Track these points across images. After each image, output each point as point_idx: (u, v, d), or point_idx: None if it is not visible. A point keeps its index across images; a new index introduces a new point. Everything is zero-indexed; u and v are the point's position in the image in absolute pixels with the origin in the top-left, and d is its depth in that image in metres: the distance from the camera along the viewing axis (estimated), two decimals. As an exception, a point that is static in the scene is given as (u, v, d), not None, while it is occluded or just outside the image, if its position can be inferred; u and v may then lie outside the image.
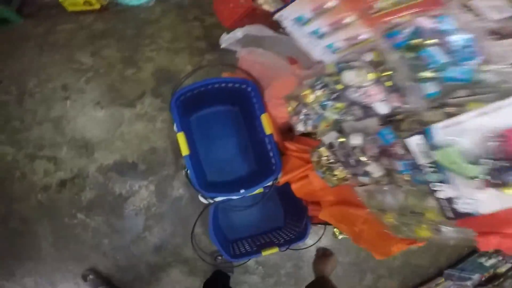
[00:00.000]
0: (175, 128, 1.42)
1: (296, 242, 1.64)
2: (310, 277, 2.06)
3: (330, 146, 1.11)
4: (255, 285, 2.06)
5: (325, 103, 1.09)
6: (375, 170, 1.00)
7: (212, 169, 1.71)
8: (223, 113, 1.77)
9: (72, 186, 1.84)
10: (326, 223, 1.59)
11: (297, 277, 2.09)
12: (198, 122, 1.74)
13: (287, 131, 1.52)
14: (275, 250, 1.60)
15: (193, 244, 1.57)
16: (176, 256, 1.94)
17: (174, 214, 1.90)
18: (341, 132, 1.10)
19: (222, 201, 1.55)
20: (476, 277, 2.19)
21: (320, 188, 1.36)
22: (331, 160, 1.14)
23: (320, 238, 1.64)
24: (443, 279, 2.21)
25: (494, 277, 2.24)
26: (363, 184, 1.10)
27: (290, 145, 1.43)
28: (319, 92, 1.11)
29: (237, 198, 1.58)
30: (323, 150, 1.15)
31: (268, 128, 1.46)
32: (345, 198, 1.33)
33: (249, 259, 1.93)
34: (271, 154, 1.48)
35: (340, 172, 1.13)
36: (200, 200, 1.61)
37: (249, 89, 1.51)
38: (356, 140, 1.01)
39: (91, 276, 1.86)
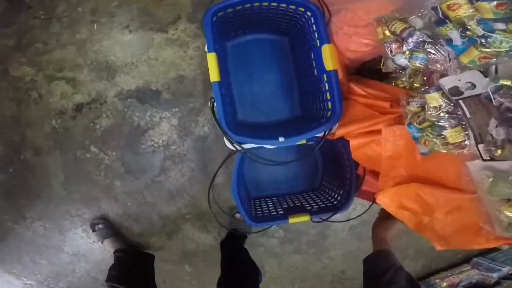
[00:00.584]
0: (206, 48, 0.95)
1: (332, 212, 1.16)
2: (333, 248, 1.67)
3: (454, 93, 0.64)
4: (272, 249, 1.65)
5: (492, 23, 0.56)
6: None
7: (246, 107, 1.21)
8: (268, 43, 1.22)
9: (89, 111, 1.42)
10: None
11: (319, 246, 1.67)
12: (235, 50, 1.22)
13: (352, 72, 1.04)
14: (305, 218, 1.13)
15: (209, 197, 1.16)
16: (192, 207, 1.52)
17: (195, 156, 1.46)
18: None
19: (252, 149, 1.06)
20: (505, 269, 1.84)
21: (391, 155, 0.86)
22: (443, 115, 0.67)
23: (366, 211, 1.13)
24: (468, 267, 1.82)
25: None
26: (492, 159, 0.62)
27: (357, 88, 0.93)
28: (486, 5, 0.56)
29: (271, 148, 1.11)
30: (434, 97, 0.67)
31: (330, 62, 0.94)
32: (430, 175, 0.83)
33: (272, 225, 1.44)
34: (327, 96, 0.97)
35: (454, 133, 0.66)
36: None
37: (308, 13, 0.99)
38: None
39: (100, 226, 1.49)
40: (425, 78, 0.80)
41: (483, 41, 0.58)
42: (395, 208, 0.85)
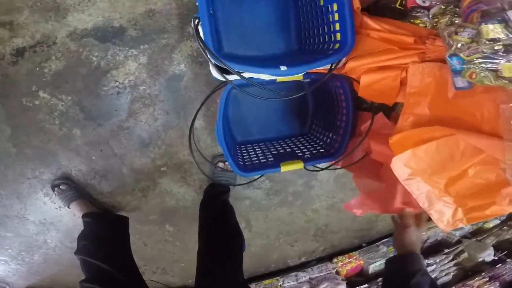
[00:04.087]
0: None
1: (324, 159, 1.13)
2: (318, 200, 1.64)
3: None
4: (258, 202, 1.58)
5: None
6: None
7: (233, 39, 1.06)
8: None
9: (33, 55, 1.17)
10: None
11: (304, 197, 1.64)
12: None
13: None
14: (298, 166, 1.07)
15: (190, 144, 1.03)
16: (168, 158, 1.36)
17: (169, 97, 1.28)
18: None
19: (240, 86, 0.92)
20: (467, 228, 2.03)
21: (416, 91, 0.81)
22: (500, 47, 0.60)
23: (359, 161, 1.05)
24: (434, 223, 1.89)
25: (480, 231, 2.09)
26: None
27: (373, 22, 0.84)
28: None
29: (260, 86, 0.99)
30: (494, 29, 0.60)
31: (343, -13, 0.84)
32: (461, 115, 0.75)
33: (263, 175, 1.35)
34: (336, 27, 0.88)
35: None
36: (206, 80, 1.09)
37: None
38: None
39: (62, 187, 1.29)
40: (454, 19, 0.72)
41: None
42: (407, 176, 0.79)
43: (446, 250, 1.94)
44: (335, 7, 0.86)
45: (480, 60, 0.62)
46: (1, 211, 1.38)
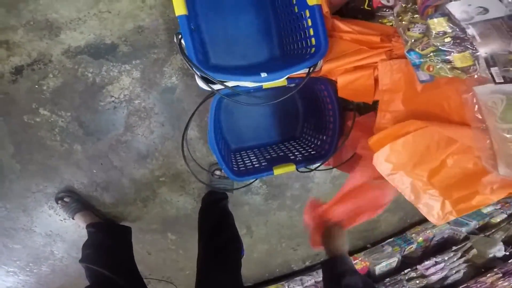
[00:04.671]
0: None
1: (316, 161, 1.16)
2: (317, 202, 1.67)
3: (463, 18, 0.62)
4: (257, 207, 1.62)
5: None
6: None
7: (219, 51, 1.12)
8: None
9: (31, 73, 1.23)
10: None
11: (303, 200, 1.67)
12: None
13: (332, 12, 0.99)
14: (290, 168, 1.12)
15: (183, 152, 1.08)
16: (166, 168, 1.41)
17: (163, 109, 1.33)
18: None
19: (227, 94, 0.98)
20: (473, 223, 2.01)
21: (388, 88, 0.85)
22: (449, 40, 0.65)
23: (349, 159, 1.09)
24: None
25: (487, 227, 2.08)
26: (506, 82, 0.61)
27: (342, 24, 0.90)
28: None
29: (248, 94, 1.05)
30: (439, 22, 0.64)
31: (313, -4, 0.89)
32: (431, 107, 0.80)
33: (257, 179, 1.38)
34: (310, 32, 0.93)
35: (462, 57, 0.65)
36: (197, 92, 1.13)
37: None
38: None
39: (66, 200, 1.35)
40: (415, 16, 0.76)
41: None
42: (390, 171, 0.81)
43: (454, 248, 1.94)
44: (307, 13, 0.91)
45: (434, 53, 0.67)
46: (8, 224, 1.43)
